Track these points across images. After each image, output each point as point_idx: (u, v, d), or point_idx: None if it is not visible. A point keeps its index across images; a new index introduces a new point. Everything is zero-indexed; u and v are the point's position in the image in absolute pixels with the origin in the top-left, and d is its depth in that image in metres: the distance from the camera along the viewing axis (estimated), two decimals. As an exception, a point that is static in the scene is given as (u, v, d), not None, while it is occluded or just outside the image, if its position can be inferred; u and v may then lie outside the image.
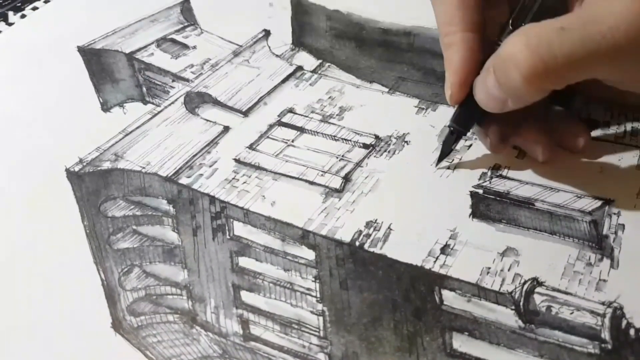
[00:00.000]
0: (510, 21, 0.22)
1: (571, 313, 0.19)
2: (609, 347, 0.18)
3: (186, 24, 0.34)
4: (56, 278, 0.22)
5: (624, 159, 0.25)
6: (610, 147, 0.25)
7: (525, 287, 0.20)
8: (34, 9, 0.31)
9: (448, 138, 0.24)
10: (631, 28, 0.19)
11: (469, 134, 0.26)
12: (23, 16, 0.31)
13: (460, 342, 0.19)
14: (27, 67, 0.31)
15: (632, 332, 0.19)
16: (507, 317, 0.20)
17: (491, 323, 0.19)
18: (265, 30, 0.34)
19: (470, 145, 0.26)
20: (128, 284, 0.22)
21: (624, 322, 0.19)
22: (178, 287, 0.22)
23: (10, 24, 0.31)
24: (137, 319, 0.21)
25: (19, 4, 0.31)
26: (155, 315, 0.21)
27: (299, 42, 0.34)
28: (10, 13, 0.31)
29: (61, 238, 0.23)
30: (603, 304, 0.19)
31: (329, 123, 0.28)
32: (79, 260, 0.22)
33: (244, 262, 0.23)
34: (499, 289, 0.20)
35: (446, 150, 0.25)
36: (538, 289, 0.20)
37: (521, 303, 0.20)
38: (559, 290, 0.20)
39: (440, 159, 0.25)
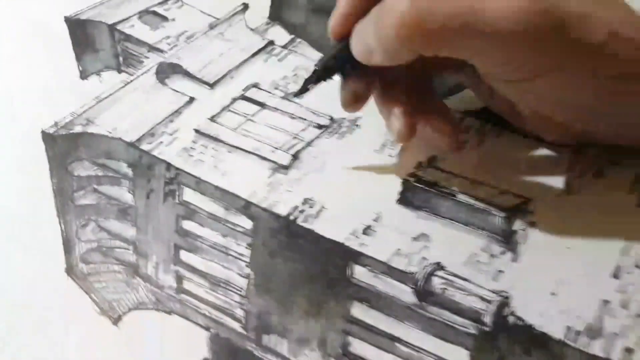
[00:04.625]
0: None
1: (463, 297, 0.22)
2: (487, 329, 0.21)
3: (169, -5, 0.36)
4: (24, 224, 0.26)
5: (554, 160, 0.27)
6: (543, 146, 0.27)
7: (428, 269, 0.23)
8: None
9: (310, 77, 0.24)
10: (512, 16, 0.19)
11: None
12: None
13: (360, 311, 0.22)
14: (16, 36, 0.35)
15: (511, 319, 0.22)
16: (405, 293, 0.23)
17: (390, 297, 0.23)
18: (244, 3, 0.36)
19: None
20: (83, 236, 0.26)
21: (507, 310, 0.22)
22: (127, 242, 0.26)
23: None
24: (87, 266, 0.25)
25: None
26: (103, 265, 0.25)
27: (276, 16, 0.36)
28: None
29: (32, 190, 0.27)
30: (494, 292, 0.22)
31: (290, 101, 0.31)
32: (45, 211, 0.26)
33: (187, 225, 0.26)
34: (404, 269, 0.23)
35: (303, 90, 0.25)
36: (438, 272, 0.23)
37: (420, 283, 0.23)
38: (457, 276, 0.23)
39: (296, 94, 0.25)
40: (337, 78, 0.26)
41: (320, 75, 0.25)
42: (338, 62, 0.24)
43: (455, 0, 0.19)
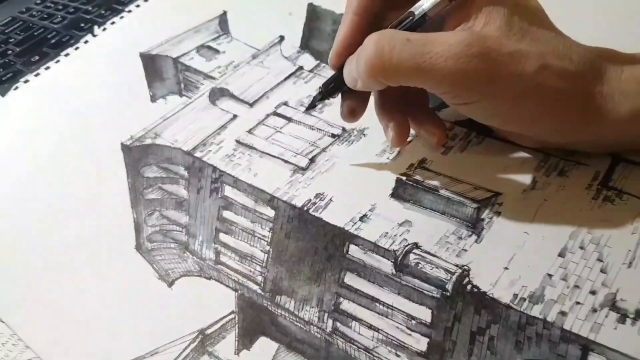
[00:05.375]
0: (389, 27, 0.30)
1: (432, 269, 0.28)
2: (448, 294, 0.27)
3: (221, 33, 0.45)
4: (106, 213, 0.35)
5: (526, 161, 0.32)
6: (519, 150, 0.32)
7: (406, 248, 0.29)
8: (112, 23, 0.46)
9: (316, 96, 0.33)
10: (450, 59, 0.25)
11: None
12: (104, 29, 0.45)
13: (350, 278, 0.29)
14: (104, 68, 0.45)
15: (469, 287, 0.27)
16: (386, 266, 0.29)
17: (374, 268, 0.29)
18: (280, 36, 0.44)
19: (410, 141, 0.35)
20: (150, 222, 0.34)
21: (466, 280, 0.27)
22: (180, 226, 0.34)
23: (95, 35, 0.45)
24: (151, 244, 0.33)
25: (101, 20, 0.45)
26: (163, 243, 0.33)
27: (305, 45, 0.44)
28: (95, 27, 0.45)
29: (113, 188, 0.36)
30: (457, 265, 0.28)
31: (312, 115, 0.38)
32: (122, 203, 0.35)
33: (226, 214, 0.34)
34: (388, 247, 0.29)
35: (311, 105, 0.34)
36: (415, 251, 0.29)
37: (399, 258, 0.29)
38: (429, 253, 0.29)
39: (307, 109, 0.35)
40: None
41: (324, 95, 0.32)
42: (337, 85, 0.32)
43: (409, 47, 0.26)
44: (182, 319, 0.30)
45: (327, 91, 0.32)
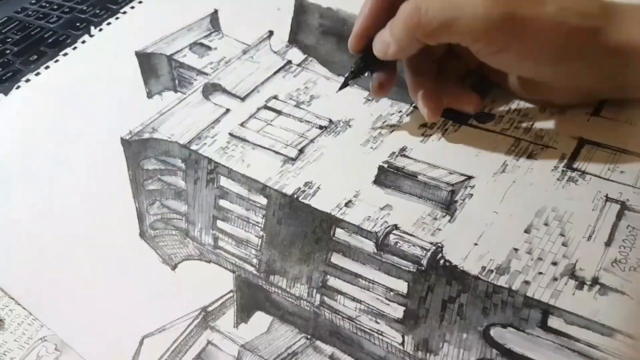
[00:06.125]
0: None
1: (409, 247, 0.31)
2: (422, 268, 0.30)
3: (213, 30, 0.48)
4: (110, 203, 0.39)
5: (498, 146, 0.35)
6: (492, 136, 0.36)
7: (387, 229, 0.32)
8: (108, 24, 0.49)
9: (348, 75, 0.37)
10: (479, 6, 0.29)
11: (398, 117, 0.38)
12: (101, 29, 0.48)
13: (336, 258, 0.32)
14: (101, 66, 0.49)
15: (441, 261, 0.31)
16: (368, 246, 0.33)
17: (357, 248, 0.32)
18: (269, 31, 0.47)
19: (392, 131, 0.38)
20: (151, 211, 0.38)
21: (439, 255, 0.31)
22: (180, 214, 0.38)
23: (92, 35, 0.48)
24: (154, 231, 0.37)
25: (97, 20, 0.49)
26: (165, 230, 0.37)
27: (294, 39, 0.47)
28: (92, 27, 0.48)
29: (115, 180, 0.40)
30: (431, 243, 0.31)
31: (300, 108, 0.42)
32: (125, 194, 0.39)
33: (222, 203, 0.38)
34: (370, 229, 0.33)
35: (344, 84, 0.38)
36: (394, 231, 0.32)
37: (380, 239, 0.32)
38: (407, 233, 0.32)
39: (340, 89, 0.38)
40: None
41: (355, 73, 0.37)
42: (366, 64, 0.36)
43: (444, 5, 0.30)
44: (185, 298, 0.34)
45: (358, 70, 0.37)
